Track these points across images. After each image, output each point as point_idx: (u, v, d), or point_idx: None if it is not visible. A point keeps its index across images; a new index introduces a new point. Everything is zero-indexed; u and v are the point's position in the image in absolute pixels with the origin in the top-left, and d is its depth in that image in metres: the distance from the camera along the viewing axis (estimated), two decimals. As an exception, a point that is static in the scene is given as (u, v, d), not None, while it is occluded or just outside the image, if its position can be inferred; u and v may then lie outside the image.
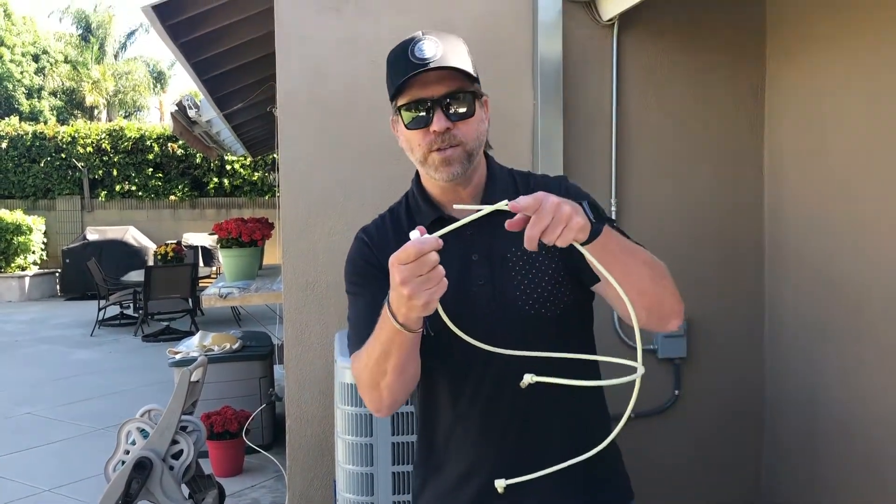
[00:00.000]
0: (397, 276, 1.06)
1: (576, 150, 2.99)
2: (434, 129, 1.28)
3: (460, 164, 1.31)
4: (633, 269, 1.23)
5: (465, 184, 1.37)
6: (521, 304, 1.34)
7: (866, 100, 2.65)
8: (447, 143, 1.29)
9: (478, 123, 1.33)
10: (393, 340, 1.18)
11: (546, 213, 1.05)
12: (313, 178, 2.86)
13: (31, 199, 16.04)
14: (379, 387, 1.27)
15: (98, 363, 8.10)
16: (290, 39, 2.82)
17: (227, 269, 4.40)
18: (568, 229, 1.05)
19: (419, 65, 1.26)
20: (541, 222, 1.05)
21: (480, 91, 1.35)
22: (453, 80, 1.29)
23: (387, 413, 1.34)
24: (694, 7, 3.10)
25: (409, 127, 1.31)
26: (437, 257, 1.06)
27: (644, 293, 1.25)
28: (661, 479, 3.10)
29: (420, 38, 1.29)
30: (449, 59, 1.28)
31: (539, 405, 1.36)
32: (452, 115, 1.29)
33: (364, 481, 2.43)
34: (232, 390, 4.79)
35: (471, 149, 1.32)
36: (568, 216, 1.05)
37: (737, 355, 3.22)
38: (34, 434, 5.52)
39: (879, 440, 2.65)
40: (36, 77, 25.89)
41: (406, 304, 1.09)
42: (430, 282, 1.06)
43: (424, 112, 1.29)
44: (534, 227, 1.05)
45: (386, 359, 1.22)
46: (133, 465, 2.92)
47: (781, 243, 3.12)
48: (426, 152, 1.31)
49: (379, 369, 1.24)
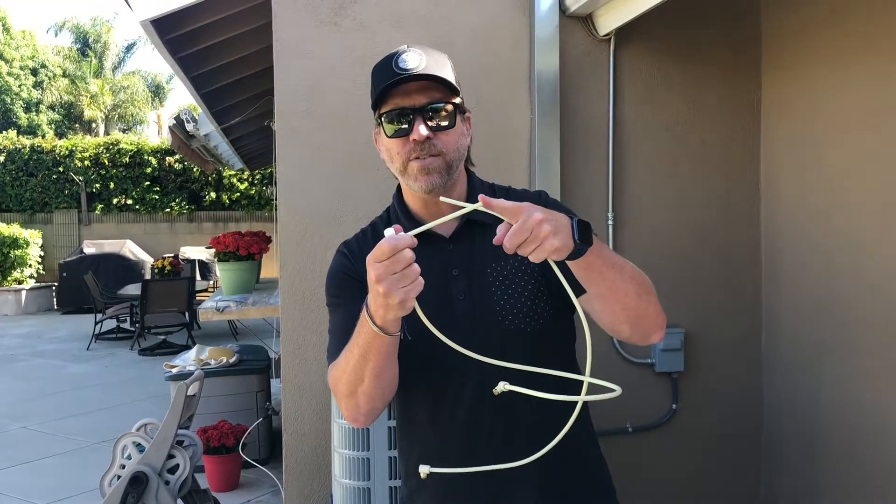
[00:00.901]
0: (373, 274, 1.07)
1: (573, 163, 3.00)
2: (414, 138, 1.28)
3: (439, 175, 1.31)
4: (619, 284, 1.23)
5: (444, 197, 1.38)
6: (501, 319, 1.34)
7: (861, 113, 2.67)
8: (427, 152, 1.30)
9: (458, 136, 1.34)
10: (371, 344, 1.18)
11: (525, 229, 1.06)
12: (311, 192, 2.86)
13: (29, 213, 16.03)
14: (356, 393, 1.27)
15: (94, 377, 8.07)
16: (288, 54, 2.84)
17: (224, 283, 4.40)
18: (541, 249, 1.06)
19: (401, 74, 1.27)
20: (518, 236, 1.06)
21: (463, 105, 1.36)
22: (435, 91, 1.30)
23: (364, 422, 1.33)
24: (690, 22, 3.13)
25: (389, 136, 1.32)
26: (411, 255, 1.07)
27: (628, 308, 1.26)
28: (659, 493, 3.09)
29: (404, 50, 1.31)
30: (431, 70, 1.29)
31: (517, 421, 1.36)
32: (433, 125, 1.30)
33: (361, 496, 2.42)
34: (228, 404, 4.78)
35: (451, 160, 1.32)
36: (544, 236, 1.06)
37: (734, 369, 3.22)
38: (29, 448, 5.48)
39: (878, 452, 2.64)
40: (34, 91, 25.95)
41: (383, 304, 1.10)
42: (406, 279, 1.07)
43: (405, 122, 1.30)
44: (511, 239, 1.06)
45: (364, 364, 1.22)
46: (129, 480, 2.90)
47: (778, 256, 3.13)
48: (405, 161, 1.31)
49: (356, 376, 1.24)
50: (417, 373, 1.36)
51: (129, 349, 9.70)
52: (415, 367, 1.35)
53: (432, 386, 1.38)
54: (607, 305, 1.25)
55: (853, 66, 2.70)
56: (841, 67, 2.76)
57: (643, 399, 3.11)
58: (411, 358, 1.32)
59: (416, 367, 1.35)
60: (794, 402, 3.05)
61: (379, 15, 2.87)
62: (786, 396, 3.11)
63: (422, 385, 1.39)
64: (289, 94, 2.84)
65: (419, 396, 1.40)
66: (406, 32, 2.87)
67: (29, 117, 25.47)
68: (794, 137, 3.02)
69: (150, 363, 8.65)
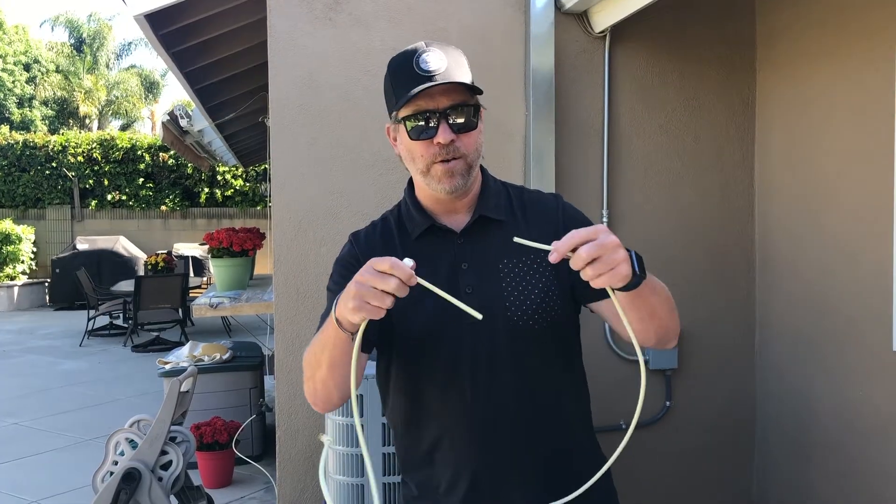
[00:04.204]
0: (360, 273, 1.10)
1: (567, 160, 3.00)
2: (439, 141, 1.29)
3: (462, 177, 1.32)
4: (658, 307, 1.27)
5: (464, 195, 1.38)
6: (510, 315, 1.34)
7: (854, 110, 2.68)
8: (450, 154, 1.31)
9: (479, 135, 1.35)
10: (330, 335, 1.21)
11: (602, 247, 1.06)
12: (305, 188, 2.86)
13: (21, 209, 15.97)
14: (314, 378, 1.30)
15: (87, 373, 8.04)
16: (282, 49, 2.83)
17: (217, 279, 4.39)
18: (614, 273, 1.07)
19: (425, 77, 1.27)
20: (594, 250, 1.06)
21: (480, 103, 1.36)
22: (458, 93, 1.30)
23: (322, 408, 1.36)
24: (685, 19, 3.13)
25: (412, 138, 1.32)
26: (397, 286, 1.07)
27: (661, 327, 1.30)
28: (652, 490, 3.10)
29: (424, 49, 1.30)
30: (454, 73, 1.29)
31: (521, 412, 1.37)
32: (456, 127, 1.30)
33: (354, 492, 2.42)
34: (222, 401, 4.77)
35: (471, 161, 1.34)
36: (620, 261, 1.07)
37: (728, 366, 3.23)
38: (21, 445, 5.46)
39: (870, 450, 2.65)
40: (27, 86, 25.82)
41: (346, 301, 1.13)
42: (374, 297, 1.08)
43: (429, 123, 1.30)
44: (589, 251, 1.06)
45: (322, 351, 1.25)
46: (121, 477, 2.89)
47: (772, 253, 3.14)
48: (429, 164, 1.32)
49: (316, 360, 1.28)
50: (424, 373, 1.38)
51: (122, 345, 9.67)
52: (422, 368, 1.37)
53: (439, 384, 1.38)
54: (644, 325, 1.27)
55: (847, 64, 2.71)
56: (835, 65, 2.77)
57: (636, 396, 3.10)
58: (419, 356, 1.34)
59: (424, 368, 1.37)
60: (787, 399, 3.06)
61: (374, 10, 2.87)
62: (778, 394, 3.11)
63: (427, 383, 1.39)
64: (283, 89, 2.83)
65: (425, 394, 1.40)
66: (401, 28, 2.86)
67: (22, 113, 25.35)
68: (788, 135, 3.03)
69: (144, 359, 8.63)
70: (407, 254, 1.15)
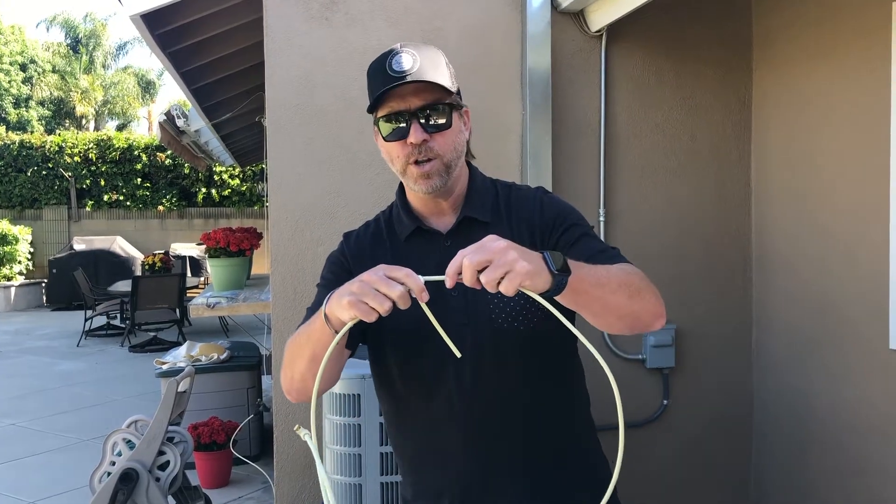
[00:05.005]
0: (368, 274, 1.08)
1: (564, 159, 3.00)
2: (411, 141, 1.29)
3: (439, 178, 1.32)
4: (610, 298, 1.21)
5: (446, 196, 1.38)
6: (494, 318, 1.34)
7: (850, 109, 2.68)
8: (424, 155, 1.30)
9: (455, 135, 1.34)
10: (315, 329, 1.21)
11: (485, 251, 1.03)
12: (301, 188, 2.85)
13: (18, 209, 15.94)
14: (293, 367, 1.31)
15: (84, 374, 8.03)
16: (279, 49, 2.82)
17: (215, 279, 4.38)
18: (513, 274, 1.02)
19: (396, 78, 1.27)
20: (478, 255, 1.03)
21: (459, 102, 1.36)
22: (430, 93, 1.30)
23: (296, 398, 1.37)
24: (682, 19, 3.13)
25: (386, 139, 1.33)
26: (401, 295, 1.05)
27: (623, 316, 1.24)
28: (650, 488, 3.10)
29: (398, 50, 1.30)
30: (426, 72, 1.28)
31: (507, 415, 1.36)
32: (429, 126, 1.30)
33: (352, 492, 2.42)
34: (219, 401, 4.76)
35: (448, 161, 1.33)
36: (512, 260, 1.03)
37: (725, 364, 3.23)
38: (18, 445, 5.45)
39: (868, 447, 2.66)
40: (24, 86, 25.77)
41: (341, 296, 1.10)
42: (373, 299, 1.06)
43: (402, 124, 1.30)
44: (471, 262, 1.02)
45: (307, 344, 1.25)
46: (119, 477, 2.89)
47: (769, 252, 3.14)
48: (405, 164, 1.32)
49: (299, 350, 1.28)
50: (411, 378, 1.38)
51: (119, 346, 9.66)
52: (410, 356, 1.37)
53: (425, 389, 1.38)
54: (602, 320, 1.24)
55: (843, 63, 2.71)
56: (831, 65, 2.77)
57: (634, 395, 3.11)
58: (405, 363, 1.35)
59: (412, 356, 1.37)
60: (785, 397, 3.07)
61: (370, 10, 2.86)
62: (776, 392, 3.12)
63: (414, 388, 1.39)
64: (279, 88, 2.83)
65: (412, 398, 1.40)
66: (398, 28, 2.86)
67: (18, 113, 25.30)
68: (785, 134, 3.03)
69: (141, 360, 8.62)
70: (396, 255, 1.15)
